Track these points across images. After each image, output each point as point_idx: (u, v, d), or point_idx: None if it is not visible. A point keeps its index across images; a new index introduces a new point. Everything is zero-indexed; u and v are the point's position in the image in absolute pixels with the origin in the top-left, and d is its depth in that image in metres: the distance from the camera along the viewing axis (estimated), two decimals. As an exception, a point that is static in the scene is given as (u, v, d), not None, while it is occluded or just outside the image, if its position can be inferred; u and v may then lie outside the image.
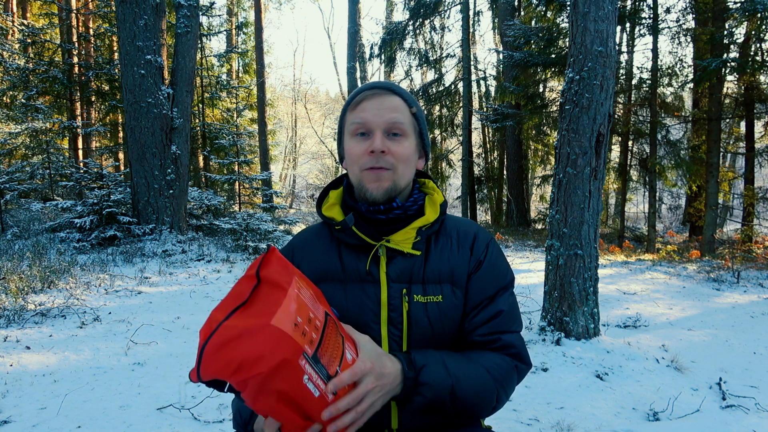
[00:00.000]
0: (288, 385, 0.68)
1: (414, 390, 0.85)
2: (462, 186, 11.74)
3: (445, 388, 0.86)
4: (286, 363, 0.66)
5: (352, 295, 0.96)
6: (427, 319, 0.95)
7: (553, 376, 2.82)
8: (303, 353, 0.68)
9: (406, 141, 0.96)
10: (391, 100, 0.96)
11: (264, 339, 0.65)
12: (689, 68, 9.41)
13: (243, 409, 0.94)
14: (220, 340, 0.65)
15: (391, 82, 1.02)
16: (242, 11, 18.91)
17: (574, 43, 3.25)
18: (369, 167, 0.94)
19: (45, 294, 4.40)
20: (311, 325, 0.72)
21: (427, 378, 0.85)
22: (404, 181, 0.98)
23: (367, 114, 0.95)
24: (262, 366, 0.64)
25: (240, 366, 0.64)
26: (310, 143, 29.61)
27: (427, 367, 0.86)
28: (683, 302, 4.90)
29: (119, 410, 2.38)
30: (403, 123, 0.95)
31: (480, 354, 0.96)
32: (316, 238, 1.06)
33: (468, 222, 1.08)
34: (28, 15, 14.43)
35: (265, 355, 0.64)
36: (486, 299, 0.99)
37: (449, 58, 14.41)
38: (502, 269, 1.03)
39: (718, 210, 9.32)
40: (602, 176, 3.26)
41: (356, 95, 0.98)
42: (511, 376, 0.96)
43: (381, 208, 0.97)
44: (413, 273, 0.97)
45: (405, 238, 0.97)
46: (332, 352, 0.74)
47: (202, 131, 13.20)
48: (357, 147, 0.96)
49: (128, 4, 6.71)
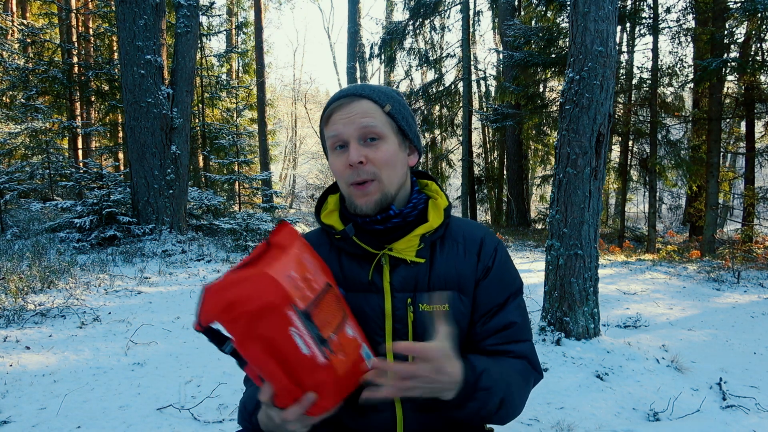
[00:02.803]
0: (273, 332, 0.70)
1: (471, 396, 0.81)
2: (462, 186, 11.74)
3: (499, 393, 0.85)
4: (273, 306, 0.69)
5: (354, 306, 0.92)
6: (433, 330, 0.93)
7: (553, 376, 2.82)
8: (292, 305, 0.70)
9: (384, 144, 0.91)
10: (359, 105, 0.91)
11: (256, 282, 0.70)
12: (689, 68, 9.40)
13: (249, 402, 0.91)
14: (220, 285, 0.71)
15: (359, 85, 0.96)
16: (242, 11, 18.90)
17: (574, 43, 3.25)
18: (352, 183, 0.91)
19: (45, 294, 4.40)
20: (306, 283, 0.75)
21: (487, 383, 0.83)
22: (394, 187, 0.93)
23: (338, 126, 0.91)
24: (249, 305, 0.68)
25: (230, 304, 0.69)
26: (310, 143, 29.62)
27: (486, 372, 0.84)
28: (683, 302, 4.90)
29: (119, 410, 2.38)
30: (376, 126, 0.91)
31: (504, 360, 0.94)
32: (315, 246, 1.00)
33: (474, 225, 1.04)
34: (28, 15, 14.42)
35: (254, 296, 0.69)
36: (495, 306, 0.96)
37: (449, 58, 14.42)
38: (511, 275, 1.00)
39: (718, 210, 9.31)
40: (602, 176, 3.26)
41: (327, 108, 0.95)
42: (530, 382, 0.96)
43: (378, 218, 0.93)
44: (418, 281, 0.94)
45: (408, 245, 0.93)
46: (327, 317, 0.76)
47: (202, 131, 13.20)
48: (338, 162, 0.92)
49: (128, 4, 6.70)
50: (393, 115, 0.94)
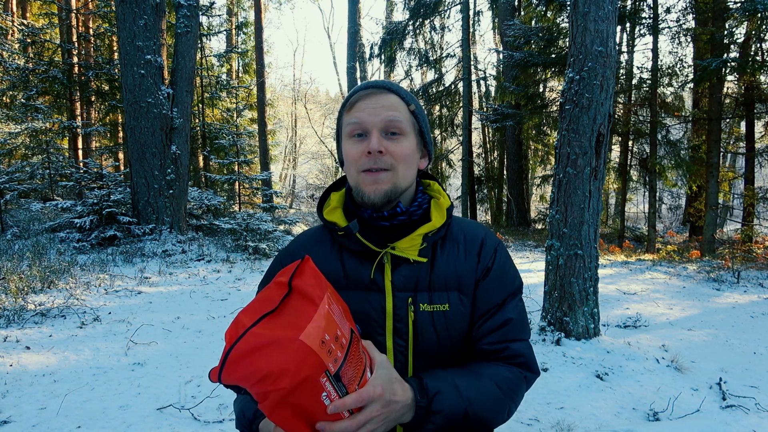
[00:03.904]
0: (306, 401, 0.67)
1: (426, 418, 0.82)
2: (462, 186, 11.75)
3: (458, 412, 0.84)
4: (309, 379, 0.65)
5: (355, 304, 0.92)
6: (434, 329, 0.92)
7: (553, 376, 2.82)
8: (326, 371, 0.67)
9: (405, 140, 0.92)
10: (387, 98, 0.92)
11: (291, 353, 0.64)
12: (689, 68, 9.41)
13: (247, 408, 0.91)
14: (247, 347, 0.65)
15: (388, 80, 0.98)
16: (242, 11, 18.91)
17: (574, 43, 3.25)
18: (366, 169, 0.90)
19: (45, 294, 4.40)
20: (338, 343, 0.71)
21: (440, 406, 0.83)
22: (405, 183, 0.94)
23: (363, 114, 0.91)
24: (285, 381, 0.64)
25: (264, 378, 0.64)
26: (310, 143, 29.61)
27: (440, 394, 0.84)
28: (683, 302, 4.90)
29: (119, 410, 2.38)
30: (401, 121, 0.91)
31: (488, 367, 0.93)
32: (317, 243, 1.02)
33: (475, 225, 1.04)
34: (28, 15, 14.43)
35: (290, 369, 0.64)
36: (494, 307, 0.96)
37: (449, 58, 14.43)
38: (510, 275, 1.00)
39: (718, 210, 9.31)
40: (602, 176, 3.26)
41: (352, 95, 0.94)
42: (519, 387, 0.94)
43: (384, 214, 0.93)
44: (419, 280, 0.94)
45: (411, 245, 0.93)
46: (354, 370, 0.73)
47: (202, 131, 13.20)
48: (354, 148, 0.92)
49: (128, 4, 6.70)
50: (417, 115, 0.96)
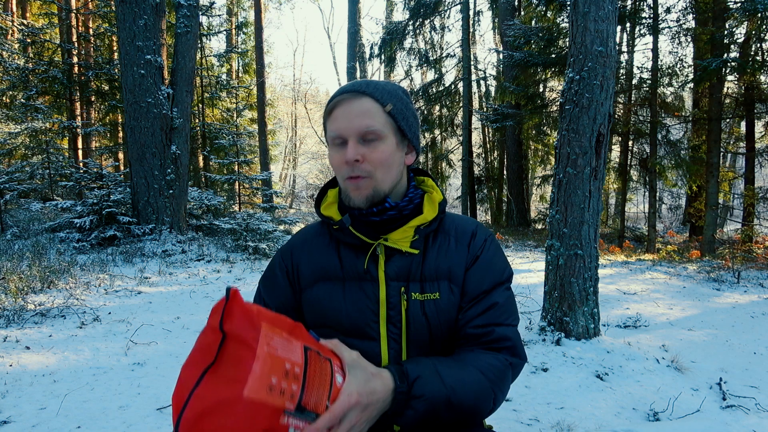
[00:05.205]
0: None
1: (406, 404, 0.82)
2: (462, 186, 11.75)
3: (439, 398, 0.84)
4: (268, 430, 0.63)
5: (351, 294, 0.97)
6: (425, 317, 0.95)
7: (553, 376, 2.82)
8: (284, 411, 0.64)
9: (382, 144, 0.94)
10: (360, 103, 0.93)
11: (239, 414, 0.62)
12: (689, 68, 9.40)
13: None
14: (193, 415, 0.63)
15: (363, 81, 0.98)
16: (242, 11, 18.90)
17: (574, 43, 3.25)
18: (348, 177, 0.94)
19: (45, 294, 4.40)
20: (289, 377, 0.66)
21: (420, 390, 0.83)
22: (387, 185, 0.96)
23: (338, 123, 0.93)
24: None
25: None
26: (310, 143, 29.62)
27: (420, 379, 0.84)
28: (683, 302, 4.89)
29: (119, 410, 2.37)
30: (375, 127, 0.92)
31: (473, 355, 0.94)
32: (315, 237, 1.06)
33: (467, 219, 1.07)
34: (28, 15, 14.43)
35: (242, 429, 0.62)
36: (482, 293, 0.98)
37: (449, 58, 14.42)
38: (499, 265, 1.02)
39: (718, 210, 9.31)
40: (602, 176, 3.26)
41: (330, 101, 0.97)
42: (505, 375, 0.94)
43: (374, 211, 0.96)
44: (411, 271, 0.97)
45: (403, 236, 0.97)
46: (319, 389, 0.70)
47: (202, 131, 13.20)
48: (336, 157, 0.95)
49: (128, 4, 6.70)
50: (393, 115, 0.96)
